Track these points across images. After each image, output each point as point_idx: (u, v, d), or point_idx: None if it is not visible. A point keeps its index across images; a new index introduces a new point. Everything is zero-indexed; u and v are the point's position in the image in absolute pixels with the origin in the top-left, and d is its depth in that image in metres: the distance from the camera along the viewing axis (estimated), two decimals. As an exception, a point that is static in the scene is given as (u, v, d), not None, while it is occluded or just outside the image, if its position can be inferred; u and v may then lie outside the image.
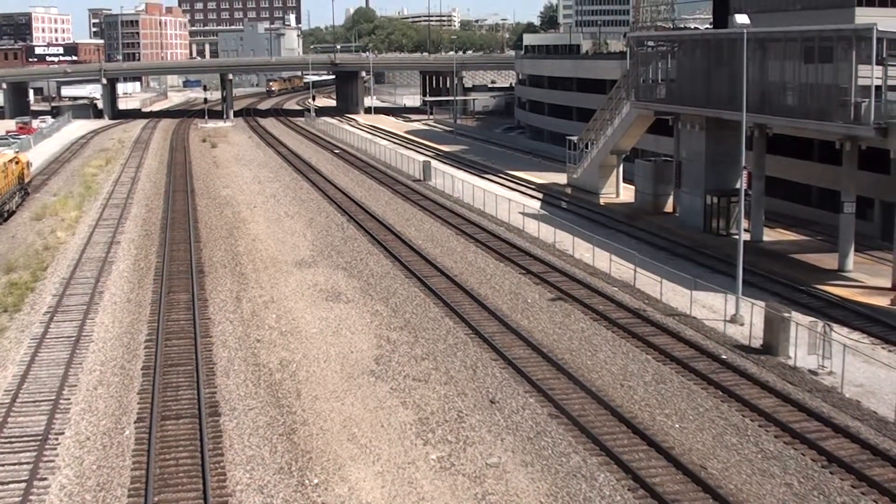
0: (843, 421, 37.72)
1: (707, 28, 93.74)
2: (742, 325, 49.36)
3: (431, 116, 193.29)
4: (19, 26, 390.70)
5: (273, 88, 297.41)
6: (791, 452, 35.19)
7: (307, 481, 33.54)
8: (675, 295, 54.86)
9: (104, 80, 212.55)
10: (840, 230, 60.97)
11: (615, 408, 39.11)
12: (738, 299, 50.53)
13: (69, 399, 41.47)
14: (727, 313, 50.55)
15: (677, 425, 37.82)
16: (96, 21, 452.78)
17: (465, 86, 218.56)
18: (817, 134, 65.06)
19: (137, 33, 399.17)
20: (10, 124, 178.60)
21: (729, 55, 66.86)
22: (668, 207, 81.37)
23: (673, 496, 31.68)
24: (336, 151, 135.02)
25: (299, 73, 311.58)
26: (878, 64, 56.13)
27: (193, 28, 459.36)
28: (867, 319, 50.61)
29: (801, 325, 45.17)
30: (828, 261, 62.23)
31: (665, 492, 31.96)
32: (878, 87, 56.22)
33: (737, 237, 53.70)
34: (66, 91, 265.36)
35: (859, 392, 40.76)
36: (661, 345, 46.78)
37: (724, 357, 45.09)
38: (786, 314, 45.59)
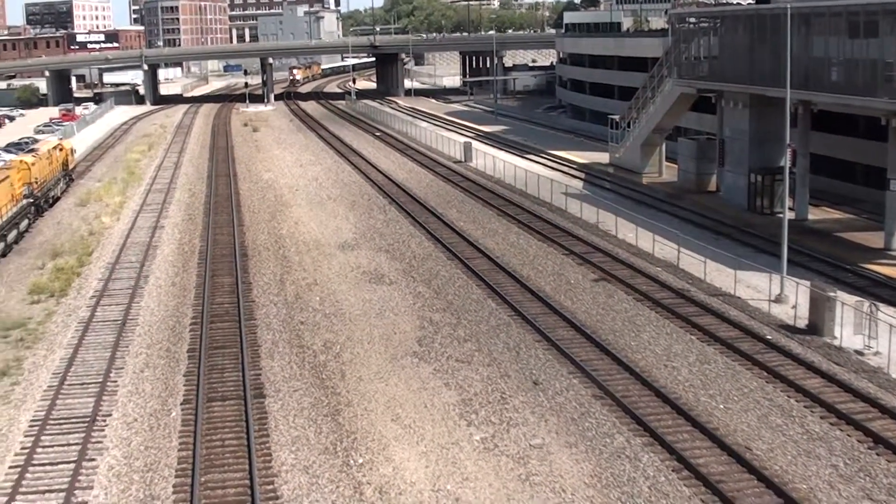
0: (890, 401, 37.44)
1: (750, 3, 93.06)
2: (787, 305, 49.08)
3: (472, 97, 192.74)
4: (60, 14, 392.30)
5: (297, 77, 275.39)
6: (837, 433, 34.99)
7: (352, 461, 33.69)
8: (719, 275, 54.60)
9: (145, 66, 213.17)
10: (886, 208, 60.37)
11: (659, 388, 39.03)
12: (783, 279, 50.25)
13: (116, 382, 41.81)
14: (772, 293, 50.28)
15: (721, 406, 37.70)
16: (136, 7, 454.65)
17: (506, 65, 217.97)
18: (863, 110, 64.46)
19: (177, 19, 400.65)
20: (53, 111, 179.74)
21: (772, 31, 66.31)
22: (712, 186, 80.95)
23: (717, 477, 31.58)
24: (377, 134, 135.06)
25: (318, 61, 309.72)
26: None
27: (233, 13, 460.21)
28: (913, 298, 50.23)
29: (846, 305, 44.86)
30: (874, 239, 61.77)
31: (709, 473, 31.86)
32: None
33: (781, 216, 53.42)
34: (108, 78, 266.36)
35: (906, 372, 40.53)
36: (705, 325, 46.59)
37: (768, 337, 44.87)
38: (831, 294, 45.26)
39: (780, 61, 55.86)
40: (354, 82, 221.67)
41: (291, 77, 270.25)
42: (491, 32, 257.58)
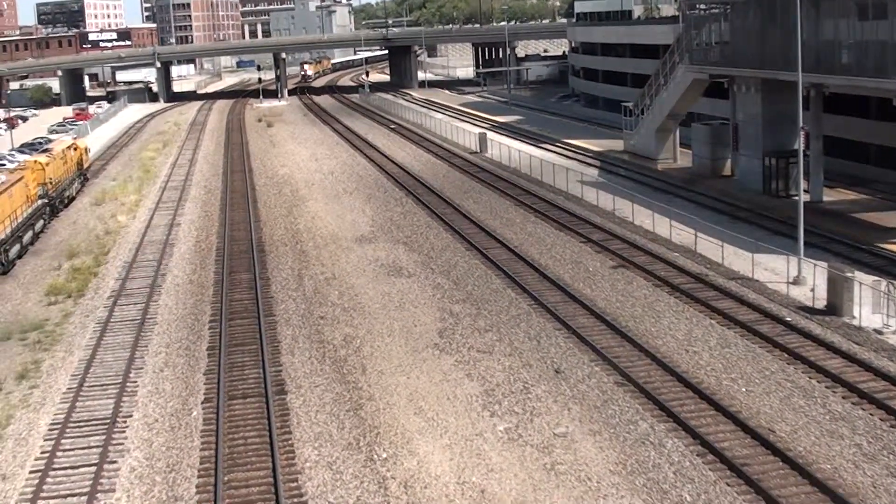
0: (912, 379, 37.47)
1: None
2: (805, 286, 48.96)
3: (485, 88, 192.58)
4: (72, 13, 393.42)
5: (308, 72, 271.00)
6: (859, 412, 34.94)
7: (376, 456, 33.69)
8: (736, 258, 54.50)
9: (158, 64, 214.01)
10: (901, 187, 60.35)
11: (681, 373, 38.99)
12: (801, 261, 50.15)
13: (136, 382, 41.88)
14: (790, 275, 50.13)
15: (744, 389, 37.65)
16: (148, 5, 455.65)
17: (518, 56, 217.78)
18: (874, 91, 64.27)
19: (189, 16, 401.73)
20: (67, 111, 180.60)
21: (783, 15, 66.13)
22: (727, 171, 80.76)
23: (742, 460, 31.55)
24: (392, 127, 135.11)
25: (328, 56, 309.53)
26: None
27: (245, 9, 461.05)
28: (932, 276, 50.02)
29: (864, 285, 44.78)
30: (889, 219, 61.61)
31: (734, 456, 31.83)
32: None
33: (796, 198, 53.31)
34: (121, 76, 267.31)
35: (927, 350, 40.42)
36: (724, 309, 46.53)
37: (788, 319, 44.79)
38: (849, 274, 45.23)
39: (791, 45, 55.74)
40: (368, 75, 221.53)
41: (303, 73, 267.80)
42: (503, 23, 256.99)
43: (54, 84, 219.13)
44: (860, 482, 30.18)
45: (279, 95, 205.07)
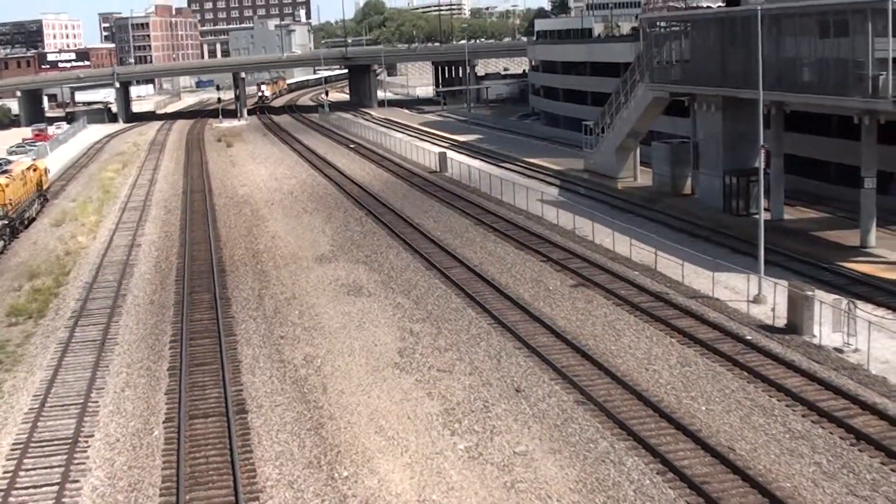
0: (871, 398, 37.62)
1: (720, 6, 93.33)
2: (766, 305, 49.17)
3: (445, 107, 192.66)
4: (31, 34, 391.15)
5: (266, 93, 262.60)
6: (819, 431, 35.12)
7: (337, 475, 33.63)
8: (696, 277, 54.72)
9: (117, 84, 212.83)
10: (861, 206, 60.59)
11: (641, 392, 39.09)
12: (761, 279, 50.39)
13: (97, 402, 41.66)
14: (750, 294, 50.41)
15: (704, 407, 37.78)
16: (107, 25, 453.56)
17: (478, 74, 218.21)
18: (835, 109, 64.65)
19: (148, 36, 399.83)
20: (25, 132, 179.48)
21: (743, 33, 66.54)
22: (687, 189, 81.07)
23: (702, 478, 31.65)
24: (351, 146, 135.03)
25: (284, 76, 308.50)
26: (894, 36, 55.62)
27: (204, 28, 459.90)
28: (891, 295, 50.23)
29: (824, 303, 45.02)
30: (850, 237, 61.93)
31: (694, 474, 31.94)
32: (895, 60, 55.76)
33: (757, 216, 53.58)
34: (80, 96, 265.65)
35: (885, 368, 40.57)
36: (684, 327, 46.70)
37: (748, 338, 44.99)
38: (809, 292, 45.44)
39: (752, 63, 56.11)
40: (327, 94, 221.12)
41: (260, 94, 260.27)
42: (463, 42, 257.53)
43: (13, 105, 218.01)
44: (820, 500, 30.34)
45: (239, 115, 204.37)
